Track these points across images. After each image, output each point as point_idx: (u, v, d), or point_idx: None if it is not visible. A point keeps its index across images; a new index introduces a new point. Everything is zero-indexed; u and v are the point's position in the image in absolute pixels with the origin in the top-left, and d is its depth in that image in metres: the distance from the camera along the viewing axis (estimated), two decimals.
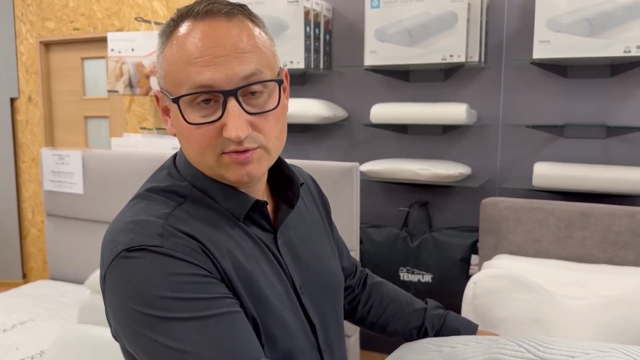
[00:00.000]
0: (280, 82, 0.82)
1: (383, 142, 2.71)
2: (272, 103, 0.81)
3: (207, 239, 0.78)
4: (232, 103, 0.76)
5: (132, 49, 3.03)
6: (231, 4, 0.81)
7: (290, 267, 0.89)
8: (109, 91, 3.15)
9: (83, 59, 3.69)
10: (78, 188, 2.57)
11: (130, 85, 3.08)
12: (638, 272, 1.67)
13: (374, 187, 2.73)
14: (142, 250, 0.73)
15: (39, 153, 2.73)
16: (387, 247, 2.58)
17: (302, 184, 0.95)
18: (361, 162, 2.57)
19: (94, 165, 2.55)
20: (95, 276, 1.76)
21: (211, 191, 0.84)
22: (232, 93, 0.76)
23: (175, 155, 0.91)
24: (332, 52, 2.78)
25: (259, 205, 0.86)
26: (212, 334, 0.72)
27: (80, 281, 2.61)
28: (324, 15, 2.70)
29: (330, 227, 1.08)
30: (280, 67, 0.86)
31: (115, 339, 0.82)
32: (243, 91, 0.77)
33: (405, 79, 2.65)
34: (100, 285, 0.80)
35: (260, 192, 0.89)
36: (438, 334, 1.09)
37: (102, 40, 3.44)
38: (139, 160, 2.47)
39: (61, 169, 2.62)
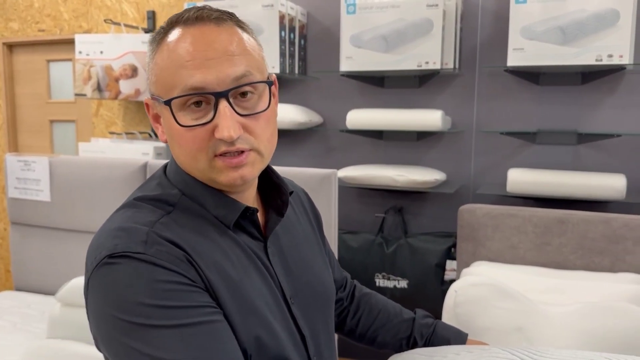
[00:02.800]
0: (270, 84, 0.83)
1: (358, 147, 2.71)
2: (263, 105, 0.82)
3: (193, 248, 0.77)
4: (223, 104, 0.77)
5: (101, 52, 2.95)
6: (220, 10, 0.82)
7: (281, 277, 0.88)
8: (77, 95, 3.06)
9: (48, 61, 3.58)
10: (45, 195, 2.48)
11: (98, 88, 3.00)
12: (614, 278, 1.70)
13: (349, 193, 2.72)
14: (124, 257, 0.73)
15: (3, 159, 2.63)
16: (363, 253, 2.57)
17: (292, 192, 0.95)
18: (336, 168, 2.55)
19: (62, 171, 2.47)
20: (65, 288, 1.69)
21: (201, 197, 0.83)
22: (224, 94, 0.77)
23: (165, 165, 0.90)
24: (307, 57, 2.76)
25: (249, 212, 0.85)
26: (192, 343, 0.71)
27: (46, 292, 2.52)
28: (299, 20, 2.68)
29: (322, 239, 1.06)
30: (269, 73, 0.87)
31: (99, 349, 0.80)
32: (233, 93, 0.78)
33: (380, 85, 2.65)
34: (84, 293, 0.79)
35: (250, 199, 0.89)
36: (427, 343, 1.08)
37: (69, 43, 3.34)
38: (109, 166, 2.40)
39: (27, 176, 2.52)
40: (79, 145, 3.02)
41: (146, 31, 3.14)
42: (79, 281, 1.71)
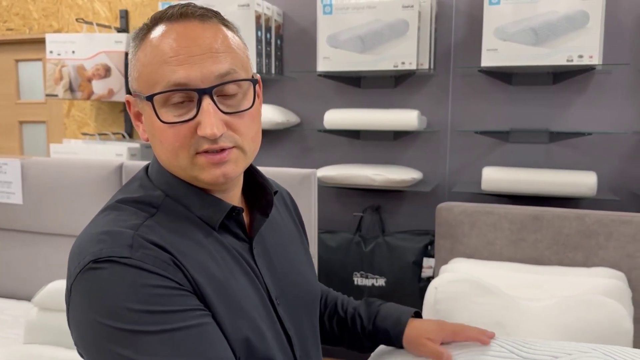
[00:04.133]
0: (254, 82, 0.82)
1: (335, 147, 2.72)
2: (247, 103, 0.81)
3: (179, 250, 0.76)
4: (207, 101, 0.76)
5: (73, 52, 2.89)
6: (205, 8, 0.81)
7: (266, 278, 0.87)
8: (48, 95, 3.00)
9: (17, 61, 3.50)
10: (17, 198, 2.42)
11: (70, 89, 2.95)
12: (587, 273, 1.75)
13: (327, 192, 2.73)
14: (110, 262, 0.71)
15: None
16: (341, 253, 2.59)
17: (276, 192, 0.94)
18: (314, 168, 2.56)
19: (34, 173, 2.41)
20: (42, 293, 1.66)
21: (185, 198, 0.82)
22: (207, 91, 0.76)
23: (147, 166, 0.88)
24: (283, 57, 2.76)
25: (234, 212, 0.84)
26: (183, 347, 0.70)
27: (20, 297, 2.46)
28: (275, 20, 2.68)
29: (306, 240, 1.06)
30: (254, 72, 0.86)
31: (81, 356, 0.78)
32: (217, 91, 0.77)
33: (357, 85, 2.67)
34: (66, 299, 0.77)
35: (235, 199, 0.88)
36: (374, 319, 1.06)
37: (39, 42, 3.27)
38: (83, 168, 2.35)
39: None
40: (50, 146, 2.96)
41: (119, 30, 3.10)
42: (57, 285, 1.67)
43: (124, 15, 3.12)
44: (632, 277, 1.79)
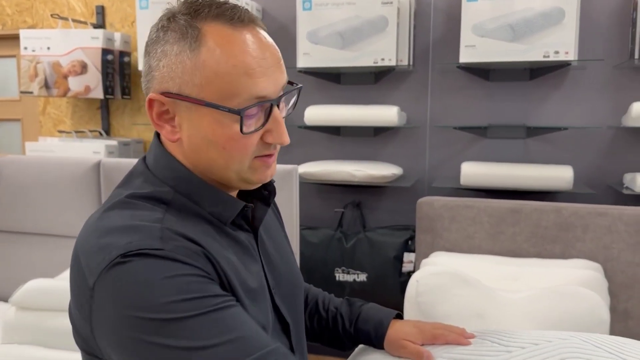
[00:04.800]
0: (300, 89, 0.87)
1: (316, 144, 2.73)
2: (290, 109, 0.87)
3: (204, 242, 0.76)
4: (276, 111, 0.80)
5: (48, 48, 2.84)
6: (249, 11, 0.83)
7: (266, 267, 0.89)
8: (22, 92, 2.94)
9: None
10: None
11: (46, 85, 2.90)
12: (564, 264, 1.79)
13: (308, 189, 2.73)
14: (141, 255, 0.70)
15: None
16: (323, 249, 2.59)
17: (274, 181, 0.95)
18: (295, 164, 2.56)
19: (10, 172, 2.37)
20: (20, 292, 1.63)
21: (196, 195, 0.82)
22: (277, 101, 0.80)
23: (143, 160, 0.87)
24: None
25: (246, 208, 0.85)
26: (224, 325, 0.70)
27: None
28: None
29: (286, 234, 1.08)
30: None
31: (110, 356, 0.75)
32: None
33: (337, 82, 2.68)
34: (83, 300, 0.74)
35: (235, 193, 0.89)
36: (355, 321, 1.06)
37: (13, 38, 3.21)
38: (59, 166, 2.32)
39: None
40: (25, 144, 2.91)
41: (95, 26, 3.06)
42: (34, 284, 1.65)
43: (100, 11, 3.08)
44: (607, 267, 1.83)
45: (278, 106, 0.80)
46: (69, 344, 1.39)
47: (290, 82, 0.85)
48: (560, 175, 2.22)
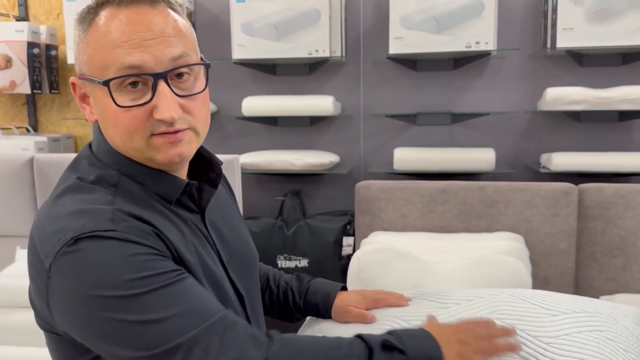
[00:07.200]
0: (207, 65, 0.86)
1: (254, 134, 2.77)
2: (200, 86, 0.85)
3: (154, 221, 0.80)
4: (162, 85, 0.79)
5: None
6: None
7: (218, 244, 0.93)
8: None
9: None
10: None
11: None
12: (490, 237, 1.95)
13: (248, 179, 2.78)
14: (94, 237, 0.73)
15: None
16: (264, 237, 2.65)
17: (222, 163, 0.99)
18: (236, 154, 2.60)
19: None
20: None
21: (139, 176, 0.84)
22: (163, 75, 0.79)
23: (89, 146, 0.89)
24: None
25: (188, 187, 0.88)
26: (176, 298, 0.74)
27: None
28: (187, 8, 2.68)
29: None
30: (201, 55, 0.89)
31: (52, 335, 0.79)
32: (171, 74, 0.80)
33: (272, 73, 2.73)
34: (40, 282, 0.77)
35: (184, 174, 0.92)
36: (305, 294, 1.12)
37: None
38: None
39: None
40: None
41: (18, 19, 2.95)
42: None
43: (23, 2, 2.97)
44: (528, 238, 2.01)
45: (167, 81, 0.79)
46: (27, 340, 1.37)
47: (203, 62, 0.86)
48: (483, 158, 2.39)
